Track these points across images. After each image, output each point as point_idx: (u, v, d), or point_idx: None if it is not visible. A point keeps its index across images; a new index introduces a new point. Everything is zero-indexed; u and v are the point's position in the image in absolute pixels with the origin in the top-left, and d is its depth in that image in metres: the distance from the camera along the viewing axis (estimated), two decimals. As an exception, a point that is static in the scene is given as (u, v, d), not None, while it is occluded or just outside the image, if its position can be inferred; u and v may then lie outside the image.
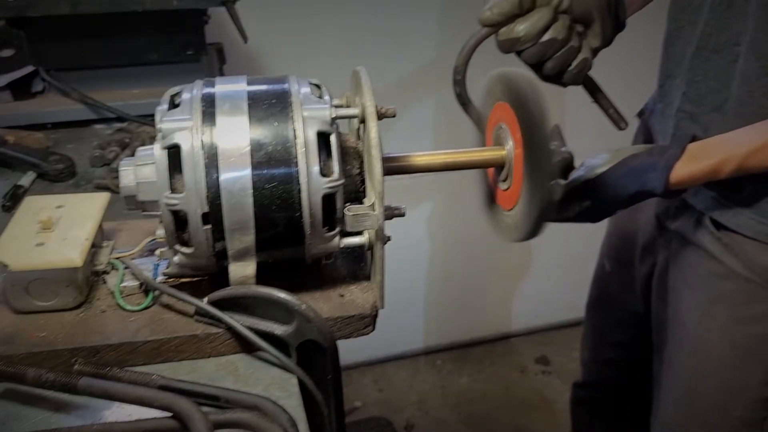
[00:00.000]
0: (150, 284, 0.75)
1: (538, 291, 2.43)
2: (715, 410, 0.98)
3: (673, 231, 1.02)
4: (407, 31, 1.83)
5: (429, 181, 2.09)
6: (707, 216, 0.93)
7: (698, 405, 1.00)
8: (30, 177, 1.11)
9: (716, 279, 0.94)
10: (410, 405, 2.20)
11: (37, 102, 1.32)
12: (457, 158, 0.81)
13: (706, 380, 0.98)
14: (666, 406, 1.07)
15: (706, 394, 0.99)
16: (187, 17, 1.28)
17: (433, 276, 2.29)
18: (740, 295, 0.93)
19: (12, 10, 1.19)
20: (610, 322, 1.34)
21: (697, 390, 1.00)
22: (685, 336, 1.01)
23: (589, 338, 1.42)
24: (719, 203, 0.92)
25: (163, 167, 0.67)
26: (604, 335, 1.37)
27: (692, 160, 0.82)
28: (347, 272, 0.80)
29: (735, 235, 0.91)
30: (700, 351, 0.98)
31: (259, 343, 0.69)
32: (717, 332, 0.96)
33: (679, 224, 1.00)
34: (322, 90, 0.75)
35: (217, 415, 0.63)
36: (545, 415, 2.17)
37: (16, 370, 0.65)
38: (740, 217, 0.90)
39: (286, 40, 1.72)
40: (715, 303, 0.95)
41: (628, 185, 0.84)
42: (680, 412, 1.03)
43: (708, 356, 0.97)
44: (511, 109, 0.77)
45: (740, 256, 0.91)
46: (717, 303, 0.95)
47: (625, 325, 1.30)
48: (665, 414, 1.07)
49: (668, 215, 1.03)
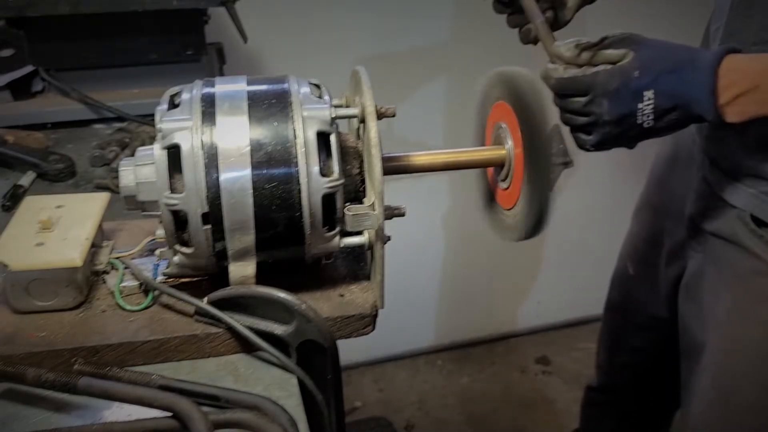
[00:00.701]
0: (150, 284, 0.75)
1: (539, 291, 2.43)
2: (754, 411, 0.97)
3: (709, 232, 1.01)
4: (407, 31, 1.83)
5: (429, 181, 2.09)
6: (748, 213, 0.92)
7: (736, 405, 0.99)
8: (30, 177, 1.11)
9: (758, 277, 0.93)
10: (410, 405, 2.20)
11: (37, 102, 1.32)
12: (457, 158, 0.81)
13: (745, 380, 0.97)
14: (698, 408, 1.05)
15: (745, 394, 0.97)
16: (187, 17, 1.28)
17: (433, 276, 2.28)
18: None
19: (12, 10, 1.19)
20: (630, 326, 1.33)
21: (735, 391, 0.98)
22: (722, 337, 0.99)
23: (606, 341, 1.41)
24: (759, 200, 0.91)
25: (163, 167, 0.67)
26: (622, 339, 1.36)
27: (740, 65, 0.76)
28: (347, 272, 0.80)
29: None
30: (740, 350, 0.97)
31: (259, 343, 0.69)
32: (758, 331, 0.95)
33: (717, 225, 0.98)
34: (322, 90, 0.75)
35: (217, 415, 0.63)
36: (545, 415, 2.17)
37: (16, 369, 0.65)
38: None
39: (286, 40, 1.72)
40: (757, 301, 0.94)
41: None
42: (716, 415, 1.02)
43: (748, 355, 0.96)
44: (511, 108, 0.77)
45: None
46: (759, 301, 0.94)
47: (645, 329, 1.29)
48: (697, 417, 1.06)
49: (704, 216, 1.01)
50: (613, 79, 0.77)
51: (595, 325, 2.47)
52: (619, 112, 0.77)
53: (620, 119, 0.77)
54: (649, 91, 0.76)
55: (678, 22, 1.34)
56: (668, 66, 0.76)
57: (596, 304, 2.47)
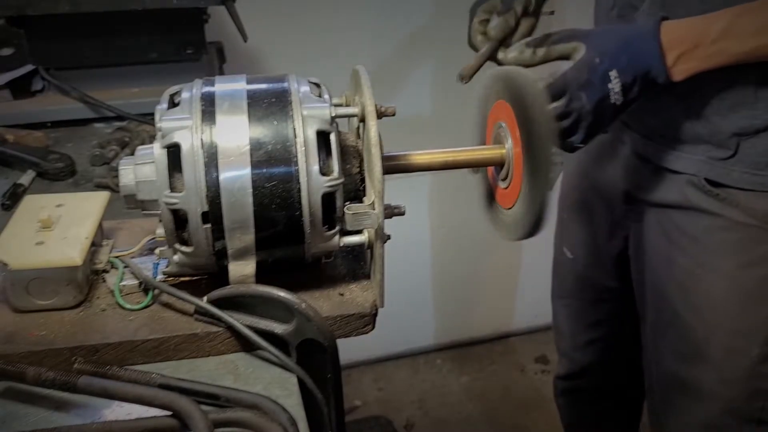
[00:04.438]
0: (150, 283, 0.75)
1: (538, 290, 2.42)
2: (731, 356, 1.01)
3: (649, 203, 1.07)
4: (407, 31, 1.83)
5: (429, 180, 2.09)
6: (702, 177, 0.97)
7: (712, 355, 1.03)
8: (30, 176, 1.11)
9: (716, 232, 0.99)
10: (410, 404, 2.21)
11: (37, 101, 1.31)
12: (457, 157, 0.81)
13: (718, 330, 1.02)
14: (672, 367, 1.10)
15: (719, 342, 1.02)
16: (186, 16, 1.28)
17: (433, 275, 2.29)
18: (743, 242, 0.98)
19: (12, 9, 1.19)
20: (584, 305, 1.37)
21: (709, 341, 1.02)
22: (686, 295, 1.04)
23: (564, 326, 1.44)
24: (710, 165, 0.96)
25: (163, 166, 0.67)
26: (579, 319, 1.40)
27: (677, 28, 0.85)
28: (347, 271, 0.80)
29: (731, 189, 0.96)
30: (706, 304, 1.02)
31: (258, 341, 0.69)
32: (723, 281, 1.00)
33: (660, 194, 1.04)
34: (322, 89, 0.75)
35: (216, 414, 0.63)
36: (545, 414, 2.17)
37: (16, 368, 0.65)
38: (733, 174, 0.95)
39: (286, 39, 1.72)
40: (717, 255, 1.00)
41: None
42: (692, 367, 1.06)
43: (716, 306, 1.01)
44: (510, 107, 0.77)
45: (740, 206, 0.96)
46: (719, 254, 1.00)
47: (599, 302, 1.34)
48: (671, 374, 1.10)
49: (641, 188, 1.07)
50: (581, 72, 0.85)
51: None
52: (596, 98, 0.84)
53: (597, 105, 0.85)
54: (612, 71, 0.84)
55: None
56: (619, 45, 0.85)
57: (596, 303, 2.49)
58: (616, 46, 0.85)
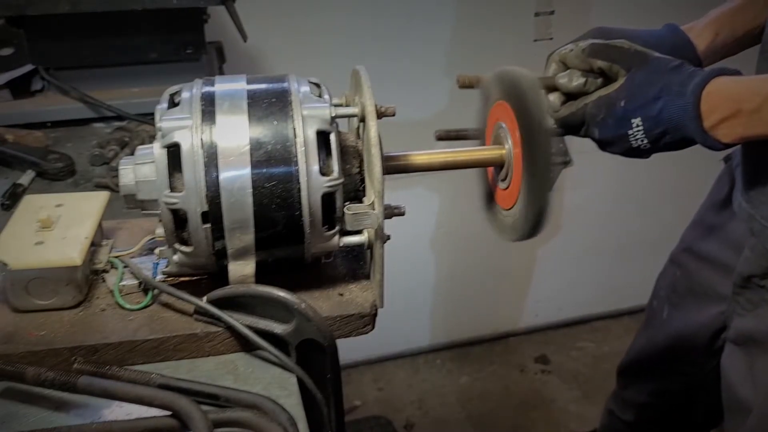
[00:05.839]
0: (149, 283, 0.75)
1: (538, 290, 2.43)
2: None
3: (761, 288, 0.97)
4: (407, 31, 1.83)
5: (429, 181, 2.09)
6: None
7: None
8: (29, 176, 1.11)
9: None
10: (410, 404, 2.20)
11: (37, 101, 1.31)
12: (456, 157, 0.81)
13: None
14: None
15: None
16: (186, 16, 1.28)
17: (433, 275, 2.28)
18: None
19: (12, 9, 1.19)
20: (660, 370, 1.32)
21: None
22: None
23: (634, 379, 1.40)
24: None
25: (163, 166, 0.67)
26: (650, 380, 1.35)
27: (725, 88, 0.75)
28: (347, 271, 0.80)
29: None
30: None
31: (258, 341, 0.69)
32: None
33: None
34: (322, 89, 0.75)
35: (216, 414, 0.63)
36: (545, 414, 2.17)
37: (15, 368, 0.65)
38: None
39: (286, 38, 1.72)
40: None
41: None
42: None
43: None
44: (510, 108, 0.77)
45: None
46: None
47: (675, 373, 1.28)
48: None
49: (763, 277, 0.96)
50: (599, 110, 0.81)
51: (594, 325, 2.50)
52: (610, 136, 0.81)
53: (614, 140, 0.81)
54: (636, 118, 0.79)
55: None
56: (654, 92, 0.77)
57: (595, 303, 2.49)
58: (649, 93, 0.77)
